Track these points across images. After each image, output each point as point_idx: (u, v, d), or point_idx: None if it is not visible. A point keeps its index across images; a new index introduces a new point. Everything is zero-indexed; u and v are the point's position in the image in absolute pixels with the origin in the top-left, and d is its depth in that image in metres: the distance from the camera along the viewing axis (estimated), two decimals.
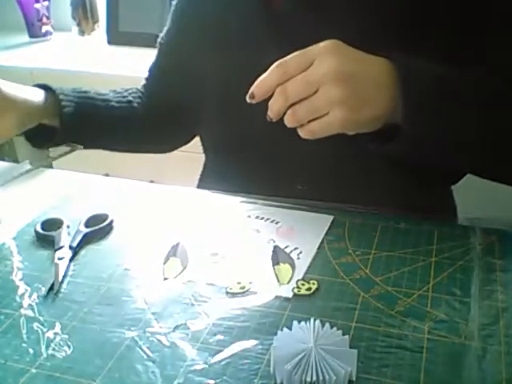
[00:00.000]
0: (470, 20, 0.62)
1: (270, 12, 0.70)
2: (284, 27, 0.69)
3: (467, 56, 0.62)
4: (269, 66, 0.56)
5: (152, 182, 0.85)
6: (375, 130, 0.57)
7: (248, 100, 0.56)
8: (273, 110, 0.56)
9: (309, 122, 0.55)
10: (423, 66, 0.58)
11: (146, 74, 0.87)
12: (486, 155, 0.61)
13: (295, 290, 0.54)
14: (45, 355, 0.48)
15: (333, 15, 0.66)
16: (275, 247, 0.61)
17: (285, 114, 0.56)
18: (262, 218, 0.66)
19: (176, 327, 0.50)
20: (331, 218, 0.65)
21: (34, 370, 0.46)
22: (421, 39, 0.63)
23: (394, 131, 0.57)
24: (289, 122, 0.56)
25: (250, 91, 0.56)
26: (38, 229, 0.64)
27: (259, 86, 0.56)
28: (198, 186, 0.84)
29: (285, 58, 0.55)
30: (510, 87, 0.60)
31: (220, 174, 0.80)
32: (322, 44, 0.55)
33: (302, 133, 0.56)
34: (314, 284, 0.54)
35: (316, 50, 0.54)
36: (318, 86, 0.53)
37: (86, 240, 0.63)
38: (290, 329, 0.47)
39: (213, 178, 0.82)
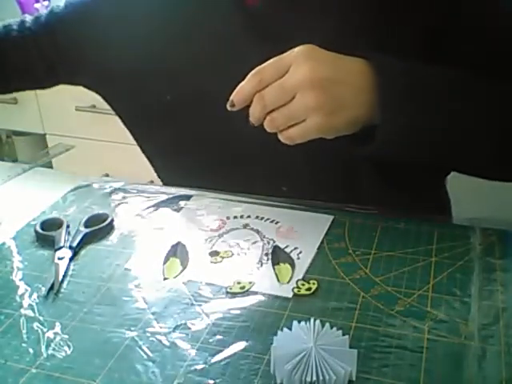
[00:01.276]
0: (444, 18, 0.62)
1: (246, 11, 0.68)
2: (260, 26, 0.68)
3: (443, 54, 0.62)
4: (245, 66, 0.56)
5: (152, 182, 0.85)
6: (353, 132, 0.57)
7: (229, 108, 0.57)
8: (253, 117, 0.56)
9: (288, 127, 0.56)
10: (401, 65, 0.58)
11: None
12: (468, 151, 0.61)
13: (295, 290, 0.54)
14: (45, 355, 0.48)
15: (310, 14, 0.66)
16: (275, 247, 0.61)
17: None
18: (262, 218, 0.66)
19: (176, 327, 0.50)
20: (331, 217, 0.65)
21: (33, 370, 0.46)
22: (397, 36, 0.63)
23: (373, 132, 0.57)
24: (268, 128, 0.56)
25: (230, 99, 0.57)
26: (38, 229, 0.64)
27: (238, 94, 0.56)
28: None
29: (261, 66, 0.55)
30: (490, 83, 0.60)
31: (196, 176, 0.78)
32: (296, 49, 0.55)
33: (282, 138, 0.57)
34: (314, 284, 0.54)
35: (291, 56, 0.55)
36: (294, 92, 0.54)
37: (86, 240, 0.63)
38: (290, 329, 0.47)
39: (183, 182, 0.78)
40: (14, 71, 0.83)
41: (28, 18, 0.82)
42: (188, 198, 0.72)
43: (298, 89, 0.54)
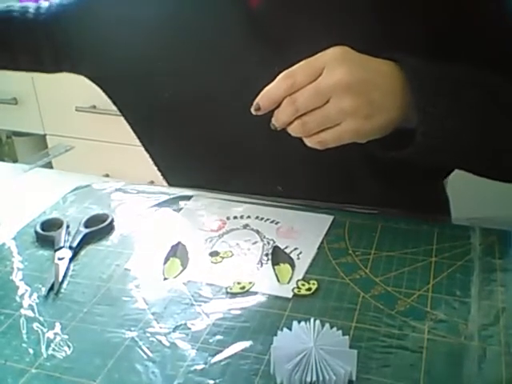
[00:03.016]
0: (448, 20, 0.62)
1: (248, 12, 0.68)
2: (262, 28, 0.67)
3: (448, 55, 0.62)
4: (246, 67, 0.54)
5: (152, 182, 0.85)
6: (383, 136, 0.57)
7: (254, 112, 0.55)
8: (280, 121, 0.55)
9: (319, 131, 0.54)
10: (428, 66, 0.57)
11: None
12: (494, 151, 0.61)
13: (295, 290, 0.54)
14: (45, 355, 0.48)
15: (314, 17, 0.65)
16: (275, 247, 0.61)
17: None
18: (262, 218, 0.66)
19: (176, 327, 0.50)
20: (331, 218, 0.65)
21: (33, 370, 0.46)
22: (404, 38, 0.62)
23: (405, 135, 0.57)
24: (297, 132, 0.55)
25: (256, 102, 0.55)
26: (38, 229, 0.64)
27: (265, 97, 0.54)
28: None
29: (292, 68, 0.54)
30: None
31: (195, 176, 0.78)
32: (329, 52, 0.54)
33: (311, 143, 0.55)
34: (314, 284, 0.54)
35: (324, 59, 0.53)
36: (329, 96, 0.52)
37: (86, 240, 0.63)
38: (290, 329, 0.47)
39: (184, 181, 0.79)
40: (22, 51, 0.84)
41: (43, 4, 0.83)
42: (188, 198, 0.72)
43: (333, 92, 0.52)
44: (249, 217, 0.67)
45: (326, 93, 0.53)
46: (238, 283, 0.55)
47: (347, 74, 0.52)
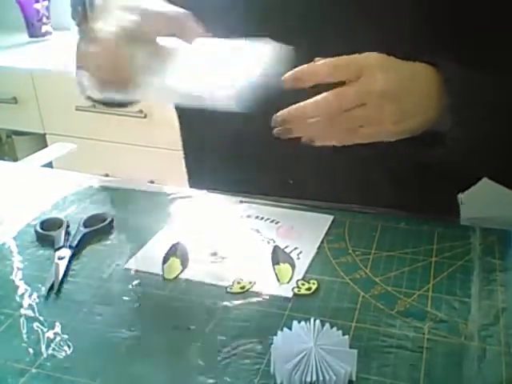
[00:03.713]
0: (494, 21, 0.62)
1: (287, 4, 0.67)
2: (302, 21, 0.67)
3: (490, 58, 0.62)
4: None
5: (152, 182, 0.85)
6: (415, 135, 0.57)
7: (288, 85, 0.54)
8: (310, 111, 0.54)
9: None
10: (465, 71, 0.58)
11: None
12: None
13: (295, 290, 0.54)
14: (45, 355, 0.48)
15: (354, 10, 0.64)
16: (275, 247, 0.61)
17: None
18: (262, 218, 0.66)
19: (176, 327, 0.50)
20: (331, 217, 0.65)
21: (33, 370, 0.46)
22: (444, 40, 0.61)
23: (437, 136, 0.57)
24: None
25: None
26: (38, 229, 0.64)
27: (307, 72, 0.54)
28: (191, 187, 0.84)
29: (334, 59, 0.54)
30: None
31: (209, 169, 0.78)
32: (371, 57, 0.54)
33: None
34: (314, 284, 0.54)
35: (364, 62, 0.54)
36: (365, 101, 0.53)
37: (86, 240, 0.63)
38: (290, 329, 0.47)
39: (201, 175, 0.80)
40: None
41: None
42: (188, 198, 0.72)
43: (368, 99, 0.53)
44: (249, 216, 0.67)
45: (362, 99, 0.53)
46: (238, 283, 0.55)
47: (385, 84, 0.53)
